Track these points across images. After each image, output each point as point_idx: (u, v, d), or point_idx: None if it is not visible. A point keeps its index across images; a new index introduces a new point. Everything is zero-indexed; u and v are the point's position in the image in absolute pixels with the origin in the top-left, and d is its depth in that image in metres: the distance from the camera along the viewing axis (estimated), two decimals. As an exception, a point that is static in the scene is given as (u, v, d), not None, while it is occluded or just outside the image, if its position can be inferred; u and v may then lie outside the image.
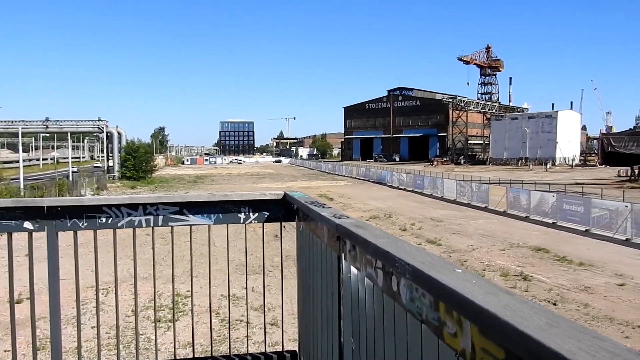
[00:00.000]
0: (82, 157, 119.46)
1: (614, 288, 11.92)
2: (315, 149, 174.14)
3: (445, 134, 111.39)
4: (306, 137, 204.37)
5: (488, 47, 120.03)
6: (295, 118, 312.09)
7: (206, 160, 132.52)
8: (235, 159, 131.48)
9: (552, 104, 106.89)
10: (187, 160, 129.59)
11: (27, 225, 2.70)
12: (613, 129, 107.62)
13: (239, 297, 10.71)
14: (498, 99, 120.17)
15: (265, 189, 47.73)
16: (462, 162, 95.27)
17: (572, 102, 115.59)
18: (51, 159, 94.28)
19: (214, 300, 9.86)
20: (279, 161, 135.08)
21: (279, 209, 3.12)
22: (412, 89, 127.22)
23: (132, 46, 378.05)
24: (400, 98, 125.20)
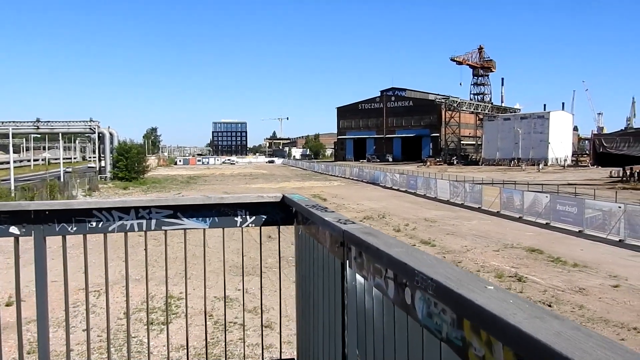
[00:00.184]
0: (74, 158, 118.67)
1: (609, 289, 11.92)
2: (308, 150, 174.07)
3: (438, 134, 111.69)
4: (299, 137, 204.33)
5: (480, 48, 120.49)
6: (288, 118, 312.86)
7: (199, 160, 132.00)
8: (228, 160, 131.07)
9: (544, 104, 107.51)
10: (180, 161, 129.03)
11: (13, 230, 2.58)
12: (604, 130, 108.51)
13: (233, 298, 10.62)
14: (490, 99, 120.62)
15: (258, 189, 47.47)
16: (454, 162, 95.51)
17: (563, 103, 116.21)
18: (42, 160, 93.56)
19: (207, 302, 9.80)
20: (272, 161, 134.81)
21: (277, 212, 3.01)
22: (405, 90, 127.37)
23: (124, 47, 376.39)
24: (393, 98, 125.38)
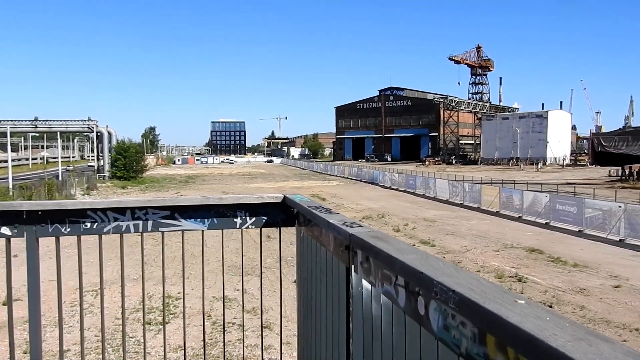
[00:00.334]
0: (72, 157, 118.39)
1: (610, 290, 11.85)
2: (307, 149, 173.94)
3: (436, 133, 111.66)
4: (298, 137, 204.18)
5: (479, 47, 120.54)
6: (286, 118, 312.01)
7: (197, 160, 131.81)
8: (227, 159, 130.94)
9: (542, 103, 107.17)
10: (179, 160, 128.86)
11: (5, 230, 2.49)
12: (602, 129, 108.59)
13: (231, 299, 10.54)
14: (489, 98, 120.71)
15: (257, 189, 47.35)
16: (453, 162, 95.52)
17: (561, 102, 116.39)
18: (41, 159, 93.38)
19: (205, 302, 9.72)
20: (270, 161, 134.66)
21: (278, 213, 2.91)
22: (403, 89, 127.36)
23: (123, 46, 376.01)
24: (391, 98, 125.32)
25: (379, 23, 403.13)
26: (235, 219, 2.87)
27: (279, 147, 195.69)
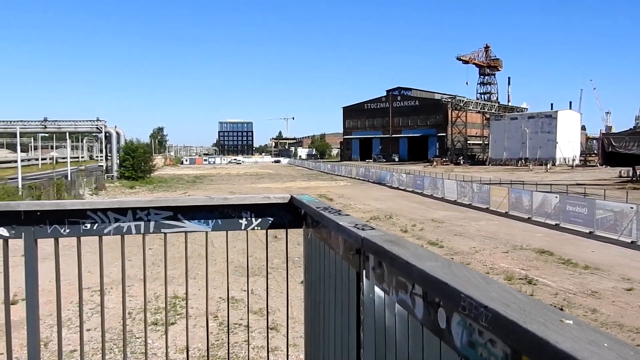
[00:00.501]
0: (81, 157, 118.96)
1: (622, 293, 11.65)
2: (314, 149, 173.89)
3: (444, 134, 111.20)
4: (305, 137, 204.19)
5: (487, 47, 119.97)
6: (294, 118, 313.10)
7: (205, 160, 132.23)
8: (234, 159, 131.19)
9: (551, 103, 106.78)
10: (186, 160, 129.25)
11: (2, 231, 2.41)
12: (612, 129, 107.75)
13: (238, 299, 10.47)
14: (497, 98, 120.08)
15: (264, 189, 47.41)
16: (461, 162, 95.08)
17: (571, 102, 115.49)
18: (50, 159, 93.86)
19: (212, 302, 9.66)
20: (278, 161, 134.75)
21: (284, 214, 2.79)
22: (411, 89, 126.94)
23: (131, 46, 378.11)
24: (399, 98, 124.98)
25: (387, 23, 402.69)
26: (240, 220, 2.76)
27: (287, 147, 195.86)
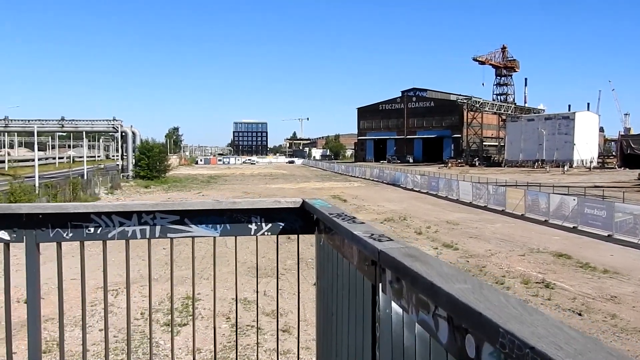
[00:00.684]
0: (98, 156, 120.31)
1: (642, 297, 11.38)
2: (329, 150, 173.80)
3: (459, 135, 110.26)
4: (319, 137, 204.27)
5: (504, 48, 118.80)
6: (308, 119, 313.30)
7: (220, 160, 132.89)
8: (249, 160, 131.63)
9: (569, 105, 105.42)
10: (201, 160, 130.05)
11: (3, 235, 2.34)
12: (631, 131, 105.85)
13: (251, 301, 10.41)
14: (514, 100, 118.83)
15: (278, 189, 47.48)
16: (476, 164, 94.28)
17: (589, 103, 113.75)
18: (67, 158, 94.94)
19: (224, 304, 9.62)
20: (292, 162, 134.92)
21: (296, 219, 2.68)
22: (426, 90, 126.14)
23: (149, 47, 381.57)
24: (414, 99, 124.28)
25: (403, 24, 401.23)
26: (249, 225, 2.65)
27: (301, 148, 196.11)
